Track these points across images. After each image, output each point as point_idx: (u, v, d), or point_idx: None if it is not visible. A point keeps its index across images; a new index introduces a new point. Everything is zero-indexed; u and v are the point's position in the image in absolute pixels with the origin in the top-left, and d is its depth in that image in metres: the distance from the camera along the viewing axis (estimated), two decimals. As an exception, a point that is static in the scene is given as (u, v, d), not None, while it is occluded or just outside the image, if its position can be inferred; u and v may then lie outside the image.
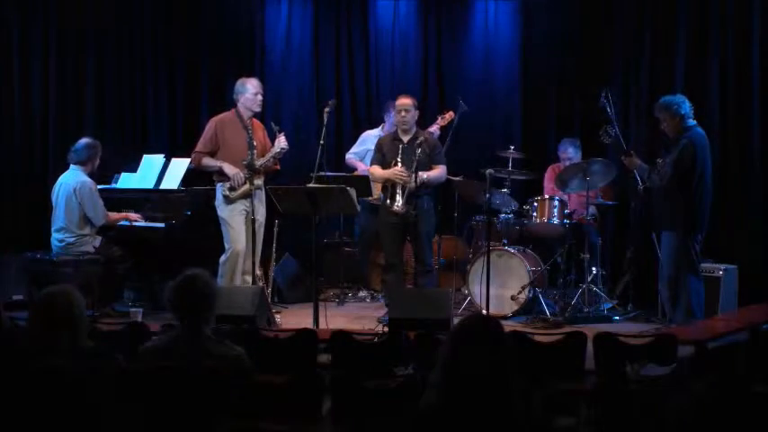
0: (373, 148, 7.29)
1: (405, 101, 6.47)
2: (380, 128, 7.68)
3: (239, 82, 6.58)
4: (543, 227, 7.01)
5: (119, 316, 6.39)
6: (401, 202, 6.23)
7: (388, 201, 6.33)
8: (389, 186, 6.37)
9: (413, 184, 6.14)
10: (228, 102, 6.89)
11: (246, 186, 6.32)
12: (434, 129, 7.05)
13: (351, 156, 7.68)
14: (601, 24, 7.90)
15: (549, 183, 7.37)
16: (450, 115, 7.26)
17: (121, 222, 6.76)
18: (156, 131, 8.31)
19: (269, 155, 6.43)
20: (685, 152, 5.85)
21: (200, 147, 6.54)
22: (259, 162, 6.37)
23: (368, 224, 7.59)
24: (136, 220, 6.78)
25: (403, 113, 6.43)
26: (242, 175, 6.34)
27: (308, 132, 8.32)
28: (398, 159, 6.31)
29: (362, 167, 7.45)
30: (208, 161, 6.49)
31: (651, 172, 6.06)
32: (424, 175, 6.26)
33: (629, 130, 7.50)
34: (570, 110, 8.07)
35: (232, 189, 6.38)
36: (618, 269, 7.35)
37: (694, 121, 5.99)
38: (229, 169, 6.38)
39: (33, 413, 2.31)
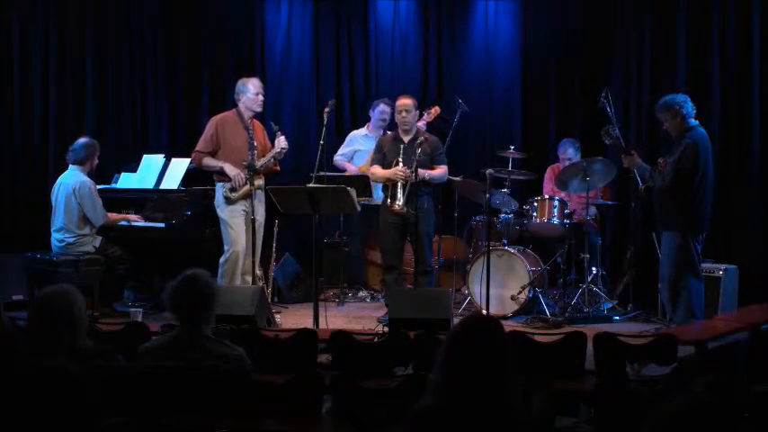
0: (360, 148, 7.32)
1: (405, 101, 6.47)
2: (366, 127, 7.67)
3: (240, 82, 6.57)
4: (543, 227, 7.01)
5: (119, 316, 6.39)
6: (402, 201, 6.23)
7: (389, 200, 6.34)
8: (390, 186, 6.37)
9: (413, 179, 6.14)
10: (229, 102, 6.89)
11: (247, 187, 6.31)
12: (421, 124, 7.00)
13: (339, 157, 7.64)
14: (601, 24, 7.90)
15: (548, 183, 7.38)
16: (435, 110, 7.22)
17: (121, 223, 6.76)
18: (156, 131, 8.31)
19: (269, 155, 6.42)
20: (687, 152, 5.83)
21: (200, 146, 6.53)
22: (259, 162, 6.36)
23: (358, 223, 7.60)
24: (135, 221, 6.78)
25: (404, 114, 6.43)
26: (243, 175, 6.33)
27: (307, 132, 8.33)
28: (399, 159, 6.32)
29: (352, 169, 7.45)
30: (208, 161, 6.48)
31: (652, 172, 6.05)
32: (425, 173, 6.27)
33: (630, 130, 7.50)
34: (570, 110, 8.08)
35: (233, 190, 6.37)
36: (618, 269, 7.36)
37: (696, 121, 5.98)
38: (230, 170, 6.37)
39: (33, 413, 2.30)
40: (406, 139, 6.43)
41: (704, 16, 7.32)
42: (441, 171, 6.46)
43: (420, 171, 6.18)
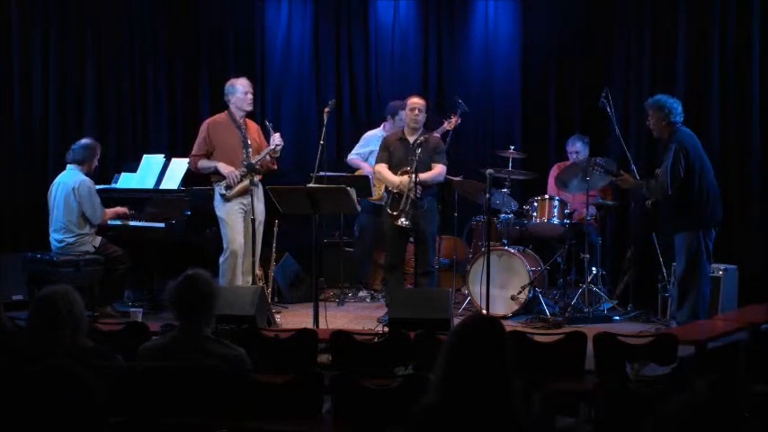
0: (376, 149, 7.30)
1: (419, 100, 6.54)
2: (381, 127, 7.66)
3: (228, 84, 6.62)
4: (543, 227, 7.01)
5: (119, 316, 6.40)
6: (407, 216, 6.17)
7: (393, 212, 6.29)
8: (395, 194, 6.35)
9: (414, 189, 6.13)
10: (228, 102, 6.88)
11: (245, 183, 6.33)
12: (446, 128, 7.13)
13: (354, 156, 7.61)
14: (601, 24, 7.90)
15: (553, 180, 7.35)
16: (456, 120, 7.35)
17: (112, 221, 6.75)
18: (156, 131, 8.31)
19: (264, 152, 6.44)
20: (677, 158, 5.84)
21: (195, 150, 6.59)
22: (255, 159, 6.37)
23: (367, 224, 7.59)
24: (123, 214, 6.78)
25: (416, 112, 6.44)
26: (237, 173, 6.37)
27: (307, 132, 8.33)
28: (409, 168, 6.24)
29: (367, 168, 7.42)
30: (203, 163, 6.52)
31: (648, 184, 6.05)
32: (419, 177, 6.25)
33: (629, 130, 7.49)
34: (570, 110, 8.07)
35: (228, 187, 6.40)
36: (618, 269, 7.35)
37: (679, 119, 5.97)
38: (224, 168, 6.41)
39: (33, 414, 2.30)
40: (411, 139, 6.42)
41: (704, 16, 7.31)
42: (435, 172, 6.41)
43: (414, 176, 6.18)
